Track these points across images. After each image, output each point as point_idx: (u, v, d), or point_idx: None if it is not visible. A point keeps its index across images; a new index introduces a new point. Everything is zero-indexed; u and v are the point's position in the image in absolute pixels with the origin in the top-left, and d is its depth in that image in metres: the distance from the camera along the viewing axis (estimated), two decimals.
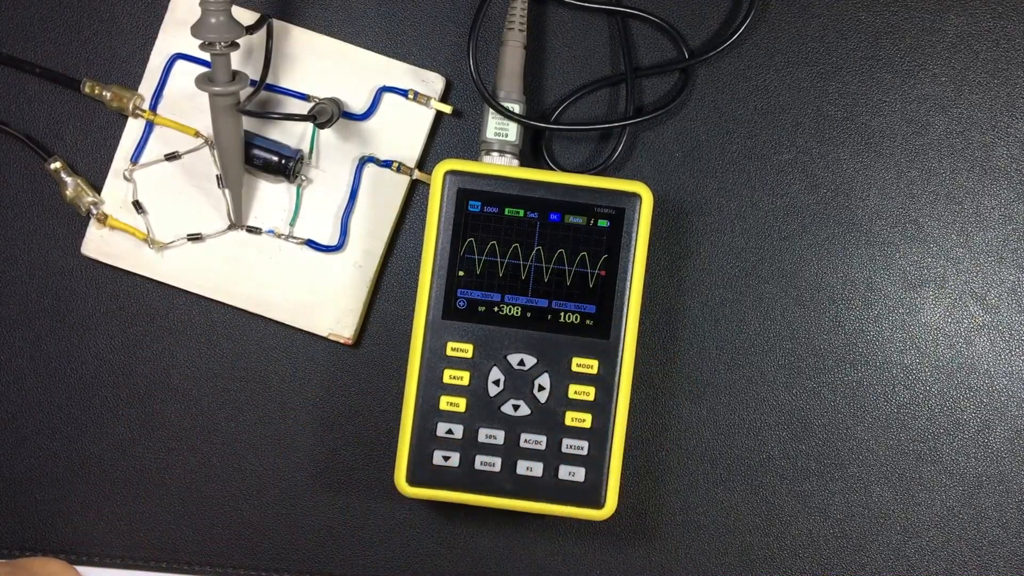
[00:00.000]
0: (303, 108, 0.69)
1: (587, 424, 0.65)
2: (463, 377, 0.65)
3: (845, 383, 0.70)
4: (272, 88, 0.70)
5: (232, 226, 0.70)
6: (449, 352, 0.65)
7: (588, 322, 0.65)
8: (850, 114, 0.70)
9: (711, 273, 0.70)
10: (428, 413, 0.65)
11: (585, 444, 0.65)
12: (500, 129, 0.68)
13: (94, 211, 0.70)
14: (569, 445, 0.65)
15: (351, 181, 0.70)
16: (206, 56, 0.69)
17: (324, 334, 0.69)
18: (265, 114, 0.68)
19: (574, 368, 0.65)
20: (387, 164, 0.70)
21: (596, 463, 0.65)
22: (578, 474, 0.65)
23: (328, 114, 0.67)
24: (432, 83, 0.70)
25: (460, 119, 0.71)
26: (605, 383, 0.65)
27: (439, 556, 0.70)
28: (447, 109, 0.70)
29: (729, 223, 0.70)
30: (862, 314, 0.70)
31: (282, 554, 0.70)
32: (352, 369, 0.70)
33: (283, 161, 0.68)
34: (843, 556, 0.70)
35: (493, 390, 0.65)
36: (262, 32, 0.69)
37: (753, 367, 0.70)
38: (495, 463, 0.65)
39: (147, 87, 0.70)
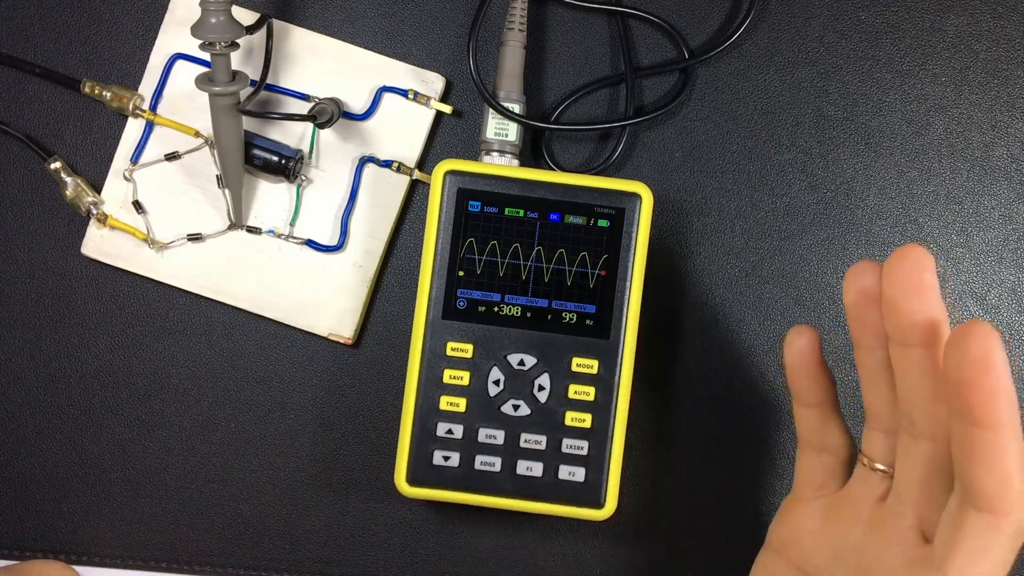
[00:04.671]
0: (303, 108, 0.69)
1: (587, 424, 0.65)
2: (463, 377, 0.65)
3: (845, 383, 0.70)
4: (272, 88, 0.70)
5: (232, 226, 0.70)
6: (449, 352, 0.65)
7: (588, 322, 0.65)
8: (850, 114, 0.70)
9: (711, 273, 0.70)
10: (428, 413, 0.65)
11: (585, 444, 0.65)
12: (500, 129, 0.68)
13: (94, 211, 0.70)
14: (569, 445, 0.65)
15: (351, 181, 0.70)
16: (206, 56, 0.69)
17: (324, 334, 0.69)
18: (265, 114, 0.68)
19: (574, 368, 0.65)
20: (387, 164, 0.70)
21: (596, 463, 0.65)
22: (578, 474, 0.65)
23: (328, 114, 0.67)
24: (432, 83, 0.70)
25: (460, 119, 0.71)
26: (605, 383, 0.65)
27: (439, 556, 0.70)
28: (447, 109, 0.70)
29: (729, 223, 0.70)
30: None
31: (282, 554, 0.70)
32: (352, 369, 0.70)
33: (283, 161, 0.68)
34: None
35: (493, 390, 0.65)
36: (262, 32, 0.69)
37: (753, 367, 0.70)
38: (495, 463, 0.65)
39: (147, 87, 0.70)
